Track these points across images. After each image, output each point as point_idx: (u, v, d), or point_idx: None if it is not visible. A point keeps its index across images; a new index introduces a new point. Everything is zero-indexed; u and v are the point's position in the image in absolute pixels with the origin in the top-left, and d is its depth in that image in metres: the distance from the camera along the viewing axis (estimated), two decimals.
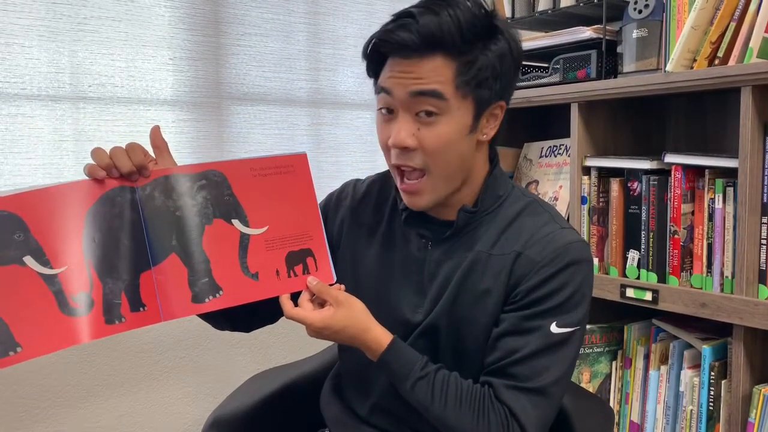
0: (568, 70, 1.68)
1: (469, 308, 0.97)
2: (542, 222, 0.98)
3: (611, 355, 1.65)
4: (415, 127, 0.92)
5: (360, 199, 1.10)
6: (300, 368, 1.30)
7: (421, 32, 0.88)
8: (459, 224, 0.99)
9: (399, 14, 0.92)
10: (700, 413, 1.42)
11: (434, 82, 0.89)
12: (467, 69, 0.90)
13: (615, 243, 1.58)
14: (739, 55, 1.34)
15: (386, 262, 1.04)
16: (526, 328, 0.93)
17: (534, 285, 0.93)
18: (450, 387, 0.94)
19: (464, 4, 0.90)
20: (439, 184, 0.95)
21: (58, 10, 1.56)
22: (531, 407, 0.92)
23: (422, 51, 0.89)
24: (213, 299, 0.91)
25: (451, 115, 0.91)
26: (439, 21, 0.87)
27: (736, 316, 1.32)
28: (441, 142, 0.91)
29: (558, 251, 0.94)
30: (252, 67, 1.85)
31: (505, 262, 0.96)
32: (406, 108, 0.92)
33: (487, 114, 0.96)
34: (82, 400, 1.64)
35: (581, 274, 0.95)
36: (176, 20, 1.72)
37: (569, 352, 0.95)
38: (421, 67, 0.89)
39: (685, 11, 1.43)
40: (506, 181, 1.04)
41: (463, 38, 0.89)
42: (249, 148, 1.85)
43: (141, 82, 1.68)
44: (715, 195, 1.39)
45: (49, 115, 1.57)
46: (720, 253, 1.38)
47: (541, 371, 0.92)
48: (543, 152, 1.86)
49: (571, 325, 0.94)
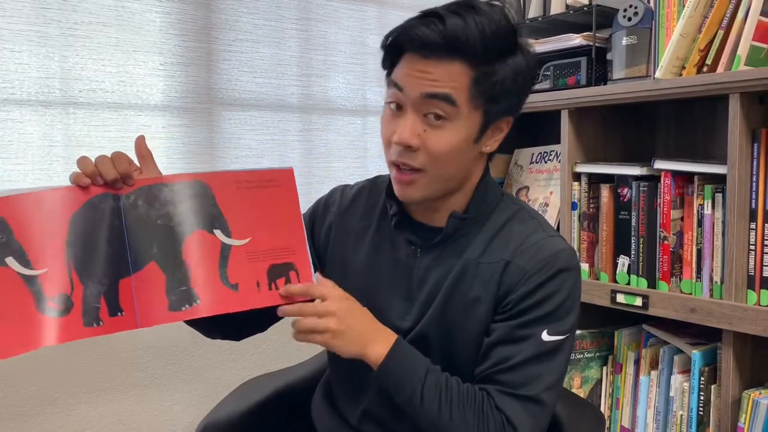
0: (558, 77, 1.69)
1: (459, 315, 0.97)
2: (530, 230, 0.98)
3: (602, 361, 1.65)
4: (422, 127, 0.91)
5: (348, 205, 1.10)
6: (291, 375, 1.30)
7: (446, 34, 0.87)
8: (448, 230, 0.99)
9: (425, 12, 0.90)
10: (690, 418, 1.43)
11: (449, 86, 0.89)
12: (484, 80, 0.90)
13: (605, 249, 1.59)
14: (727, 63, 1.36)
15: (374, 269, 1.04)
16: (517, 337, 0.93)
17: (524, 294, 0.94)
18: (452, 388, 0.93)
19: (491, 13, 0.89)
20: (433, 185, 0.95)
21: (49, 15, 1.55)
22: (526, 415, 0.92)
23: (442, 53, 0.88)
24: (189, 308, 0.90)
25: (459, 123, 0.91)
26: (464, 26, 0.87)
27: (726, 321, 1.32)
28: (445, 148, 0.91)
29: (547, 260, 0.94)
30: (243, 73, 1.85)
31: (495, 270, 0.96)
32: (416, 107, 0.91)
33: (493, 127, 0.96)
34: (72, 407, 1.63)
35: (570, 281, 0.96)
36: (167, 26, 1.72)
37: (561, 359, 0.95)
38: (438, 69, 0.89)
39: (674, 19, 1.45)
40: (496, 189, 1.04)
41: (486, 47, 0.88)
42: (240, 153, 1.85)
43: (132, 88, 1.68)
44: (704, 201, 1.40)
45: (39, 120, 1.56)
46: (709, 258, 1.39)
47: (534, 379, 0.93)
48: (533, 158, 1.87)
49: (562, 332, 0.94)
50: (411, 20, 0.91)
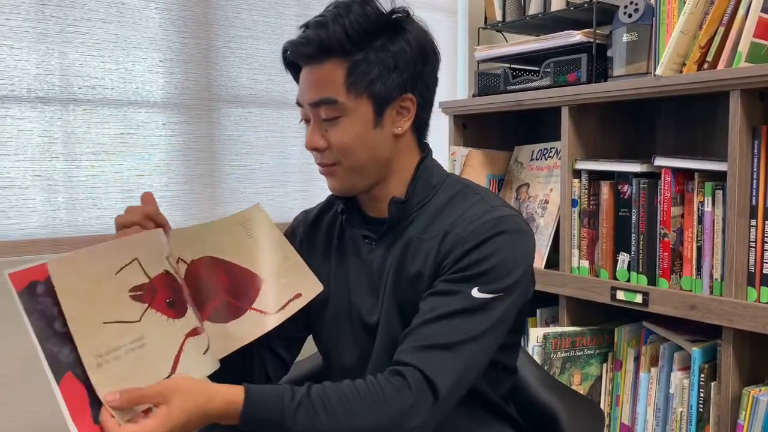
0: (558, 74, 1.69)
1: (407, 294, 0.98)
2: (472, 203, 1.00)
3: (602, 358, 1.66)
4: (323, 129, 0.99)
5: (311, 223, 1.16)
6: (290, 372, 1.29)
7: (313, 42, 0.95)
8: (392, 216, 1.02)
9: (302, 25, 0.99)
10: (690, 415, 1.43)
11: (326, 90, 0.96)
12: (356, 68, 0.95)
13: (605, 246, 1.59)
14: (728, 59, 1.35)
15: (343, 273, 1.07)
16: (447, 291, 0.93)
17: (459, 255, 0.94)
18: (331, 398, 0.87)
19: (358, 9, 0.95)
20: (353, 175, 1.00)
21: (48, 12, 1.55)
22: (435, 358, 0.89)
23: (316, 58, 0.96)
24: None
25: (351, 115, 0.97)
26: (327, 29, 0.94)
27: (726, 318, 1.32)
28: (345, 139, 0.97)
29: (484, 224, 0.95)
30: (243, 70, 1.84)
31: (434, 243, 0.97)
32: (314, 115, 0.99)
33: (393, 107, 0.99)
34: None
35: (510, 243, 0.95)
36: (167, 22, 1.71)
37: (490, 317, 0.92)
38: (318, 73, 0.97)
39: (675, 16, 1.44)
40: (439, 171, 1.06)
41: (351, 41, 0.95)
42: (240, 150, 1.85)
43: (131, 84, 1.67)
44: (705, 198, 1.40)
45: (38, 117, 1.56)
46: (709, 255, 1.39)
47: (454, 330, 0.91)
48: (533, 155, 1.87)
49: (495, 291, 0.93)
50: (297, 37, 0.99)
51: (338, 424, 0.86)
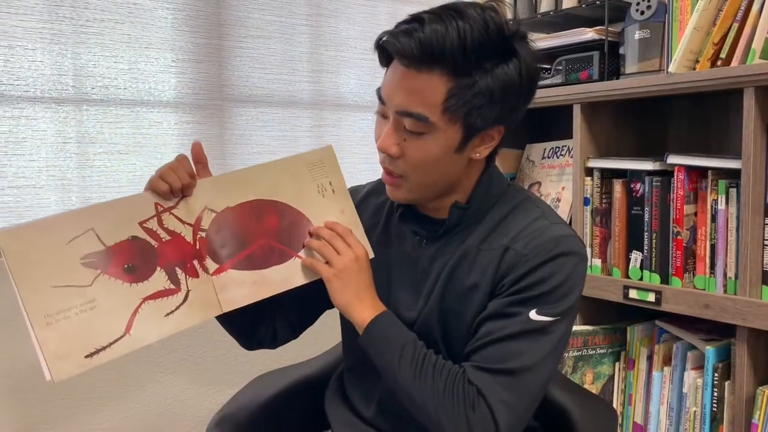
0: (570, 72, 1.68)
1: (457, 303, 0.97)
2: (532, 218, 0.97)
3: (614, 357, 1.65)
4: (402, 137, 0.92)
5: (358, 204, 1.11)
6: (304, 369, 1.30)
7: (423, 43, 0.85)
8: (451, 221, 0.99)
9: (411, 17, 0.88)
10: (703, 414, 1.42)
11: (420, 104, 0.88)
12: (461, 93, 0.87)
13: (618, 244, 1.58)
14: (741, 56, 1.34)
15: (383, 262, 1.05)
16: (505, 313, 0.92)
17: (519, 275, 0.92)
18: (429, 361, 0.93)
19: (478, 19, 0.86)
20: (417, 190, 0.97)
21: (61, 13, 1.56)
22: (501, 389, 0.89)
23: (420, 63, 0.86)
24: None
25: (436, 135, 0.90)
26: (444, 33, 0.84)
27: (740, 317, 1.32)
28: (423, 157, 0.92)
29: (546, 244, 0.93)
30: (254, 69, 1.85)
31: (493, 256, 0.95)
32: (396, 120, 0.92)
33: (482, 135, 0.94)
34: (87, 401, 1.64)
35: (569, 266, 0.93)
36: (179, 22, 1.72)
37: (549, 341, 0.91)
38: (416, 79, 0.88)
39: (688, 12, 1.43)
40: (501, 180, 1.03)
41: (466, 57, 0.85)
42: (251, 150, 1.85)
43: (144, 84, 1.69)
44: (718, 196, 1.39)
45: (52, 117, 1.57)
46: (723, 254, 1.38)
47: (514, 354, 0.90)
48: (545, 153, 1.86)
49: (553, 314, 0.91)
50: (398, 25, 0.90)
51: (422, 387, 0.91)
